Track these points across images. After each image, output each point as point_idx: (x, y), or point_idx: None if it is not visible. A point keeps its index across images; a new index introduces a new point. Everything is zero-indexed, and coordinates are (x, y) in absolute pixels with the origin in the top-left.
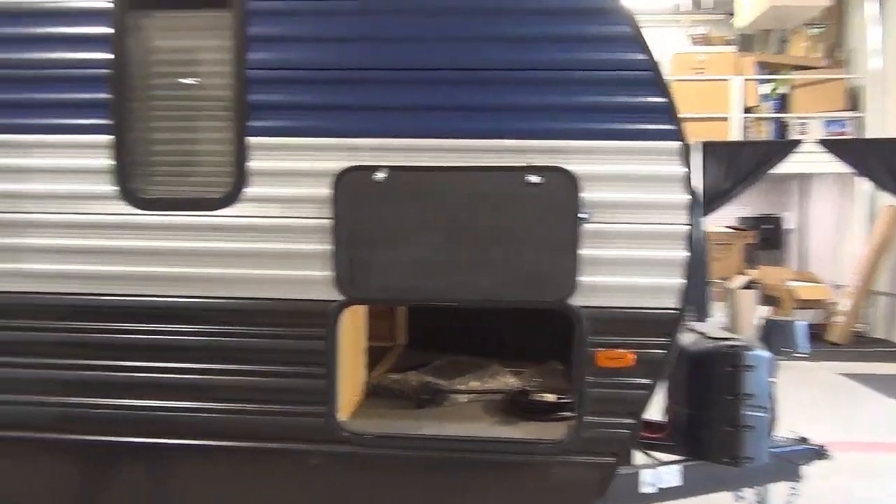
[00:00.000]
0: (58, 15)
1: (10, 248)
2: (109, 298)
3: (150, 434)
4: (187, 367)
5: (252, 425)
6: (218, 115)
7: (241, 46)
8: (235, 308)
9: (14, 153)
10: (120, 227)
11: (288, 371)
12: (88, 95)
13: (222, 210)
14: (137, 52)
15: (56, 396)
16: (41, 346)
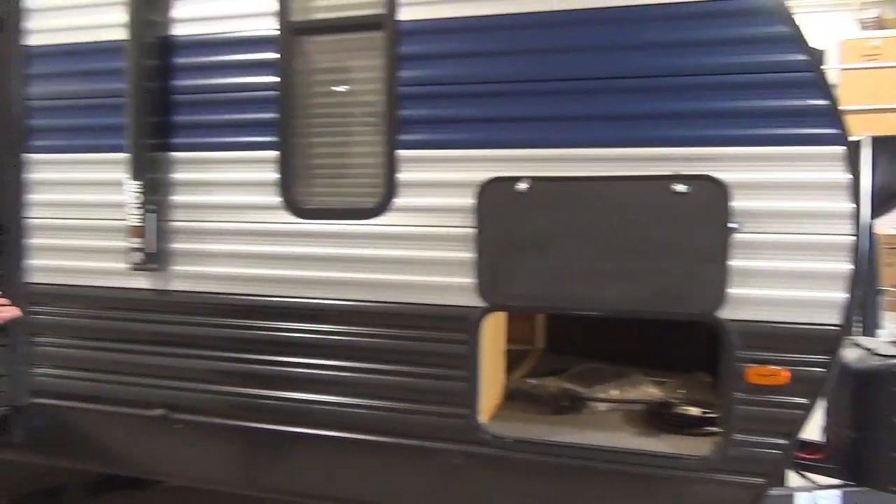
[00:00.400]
0: (231, 44)
1: (193, 253)
2: (273, 300)
3: (304, 425)
4: (339, 364)
5: (397, 423)
6: (370, 130)
7: (394, 65)
8: (384, 311)
9: (197, 169)
10: (283, 234)
11: (431, 373)
12: (258, 116)
13: (374, 219)
14: (299, 74)
15: (225, 386)
16: (214, 340)
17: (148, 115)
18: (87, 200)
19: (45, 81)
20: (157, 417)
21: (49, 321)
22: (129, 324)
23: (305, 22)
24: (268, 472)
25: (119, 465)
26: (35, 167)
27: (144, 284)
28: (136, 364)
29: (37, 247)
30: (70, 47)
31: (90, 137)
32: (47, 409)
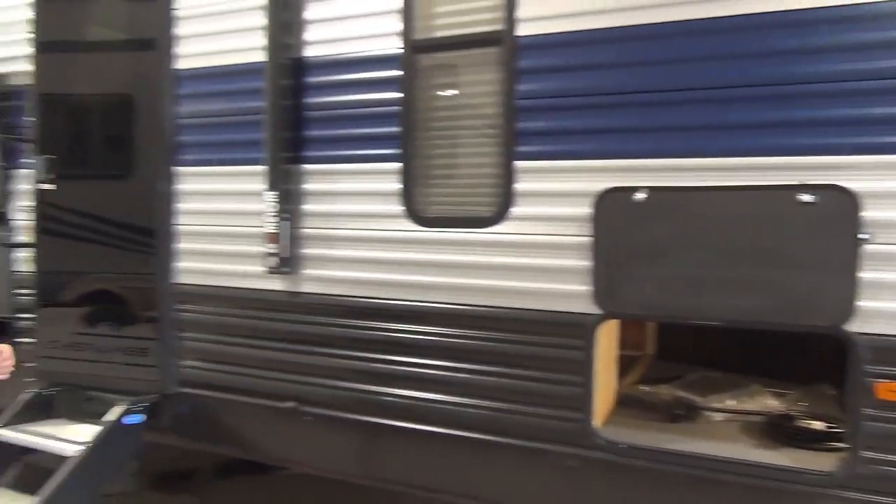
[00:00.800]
0: (358, 63)
1: (322, 258)
2: (393, 303)
3: (420, 421)
4: (455, 366)
5: (510, 423)
6: (488, 142)
7: (512, 78)
8: (501, 316)
9: (327, 180)
10: (404, 241)
11: (546, 377)
12: (382, 130)
13: (491, 228)
14: (420, 90)
15: (348, 382)
16: (339, 339)
17: (283, 130)
18: (228, 209)
19: (192, 101)
20: (287, 409)
21: (193, 318)
22: (263, 322)
23: (427, 40)
24: (384, 465)
25: (251, 451)
26: (183, 179)
27: (278, 286)
28: (269, 359)
29: (183, 251)
30: (214, 70)
31: (231, 151)
32: (191, 397)
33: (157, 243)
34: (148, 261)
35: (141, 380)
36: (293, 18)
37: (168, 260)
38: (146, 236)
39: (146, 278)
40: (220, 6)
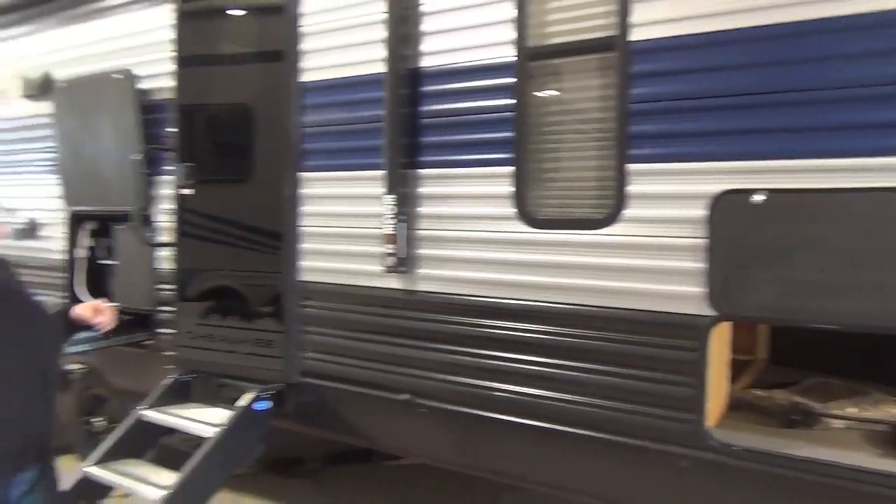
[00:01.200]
0: (473, 71)
1: (436, 258)
2: (505, 302)
3: (530, 417)
4: (566, 364)
5: (621, 422)
6: (601, 145)
7: (625, 83)
8: (612, 316)
9: (442, 183)
10: (516, 243)
11: (658, 377)
12: (495, 135)
13: (604, 229)
14: (533, 96)
15: (461, 377)
16: (452, 336)
17: (401, 137)
18: (348, 211)
19: (316, 111)
20: (403, 401)
21: (316, 314)
22: (381, 318)
23: (540, 48)
24: (495, 457)
25: (367, 440)
26: (307, 183)
27: (395, 285)
28: (386, 353)
29: (307, 251)
30: (336, 81)
31: (352, 157)
32: (312, 387)
33: (284, 244)
34: (275, 260)
35: (268, 369)
36: (411, 31)
37: (293, 259)
38: (274, 237)
39: (273, 276)
40: (342, 22)
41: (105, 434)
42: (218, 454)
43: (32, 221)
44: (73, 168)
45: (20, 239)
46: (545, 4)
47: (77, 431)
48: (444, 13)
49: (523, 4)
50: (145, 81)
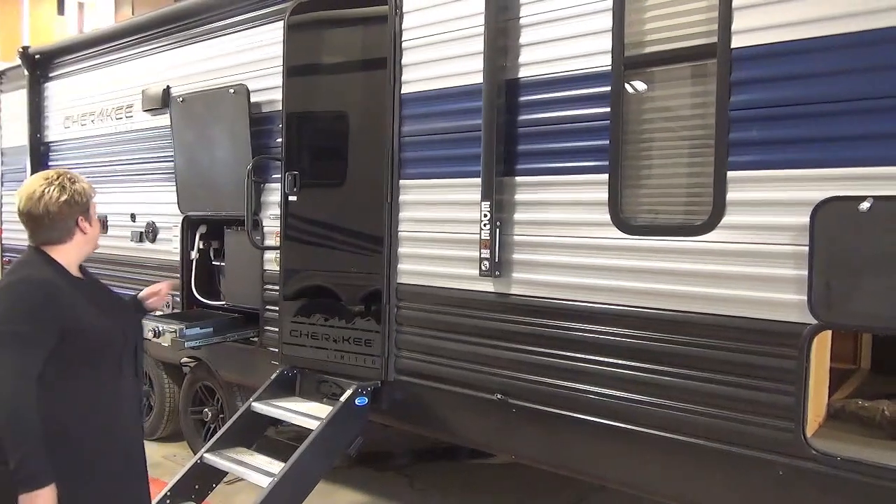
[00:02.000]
0: (568, 80)
1: (530, 263)
2: (598, 306)
3: (623, 421)
4: (660, 369)
5: (717, 428)
6: (699, 152)
7: (726, 89)
8: (710, 322)
9: (536, 190)
10: (611, 248)
11: (756, 384)
12: (591, 143)
13: (701, 236)
14: (629, 104)
15: (552, 379)
16: (545, 339)
17: (498, 145)
18: (444, 217)
19: (415, 120)
20: (494, 401)
21: (412, 314)
22: (474, 320)
23: (637, 56)
24: (586, 458)
25: (459, 437)
26: (406, 190)
27: (488, 288)
28: (478, 354)
29: (404, 254)
30: (435, 92)
31: (448, 165)
32: (407, 385)
33: (383, 247)
34: (374, 263)
35: (366, 367)
36: (509, 43)
37: (391, 262)
38: (373, 241)
39: (372, 278)
40: (441, 36)
41: (211, 423)
42: (321, 445)
43: (152, 225)
44: (187, 176)
45: (140, 241)
46: (643, 14)
47: (186, 420)
48: (542, 25)
49: (621, 15)
50: (256, 95)
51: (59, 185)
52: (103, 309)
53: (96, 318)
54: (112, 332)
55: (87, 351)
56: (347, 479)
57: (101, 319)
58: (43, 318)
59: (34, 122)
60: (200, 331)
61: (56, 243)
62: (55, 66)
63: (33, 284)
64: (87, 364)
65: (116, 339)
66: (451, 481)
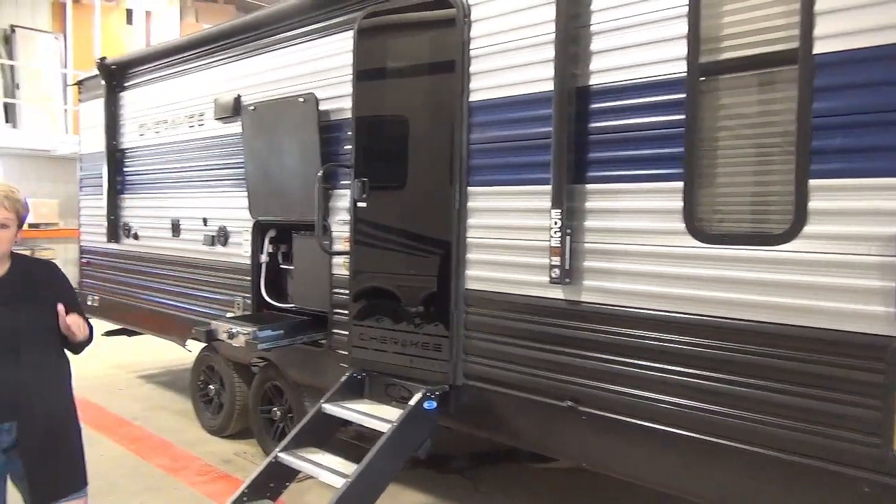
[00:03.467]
0: (641, 88)
1: (602, 271)
2: (670, 315)
3: (696, 431)
4: (736, 379)
5: (797, 441)
6: (779, 160)
7: (808, 96)
8: (790, 334)
9: (608, 198)
10: (687, 257)
11: (840, 398)
12: (665, 151)
13: (781, 245)
14: (705, 110)
15: (624, 387)
16: (617, 347)
17: (568, 153)
18: (514, 224)
19: (482, 128)
20: (564, 408)
21: (480, 320)
22: (544, 327)
23: (714, 63)
24: (656, 468)
25: (527, 442)
26: (474, 197)
27: (559, 295)
28: (547, 361)
29: (473, 261)
30: (505, 100)
31: (517, 172)
32: (475, 389)
33: (451, 253)
34: (443, 268)
35: (434, 371)
36: (580, 50)
37: (460, 268)
38: (442, 247)
39: (441, 283)
40: (510, 44)
41: (280, 422)
42: (391, 448)
43: (223, 229)
44: (258, 182)
45: (212, 245)
46: (719, 20)
47: (256, 418)
48: (614, 32)
49: (696, 21)
50: (325, 103)
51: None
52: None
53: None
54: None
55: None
56: (411, 481)
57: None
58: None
59: (110, 129)
60: (272, 333)
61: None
62: (130, 76)
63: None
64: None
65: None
66: (514, 485)
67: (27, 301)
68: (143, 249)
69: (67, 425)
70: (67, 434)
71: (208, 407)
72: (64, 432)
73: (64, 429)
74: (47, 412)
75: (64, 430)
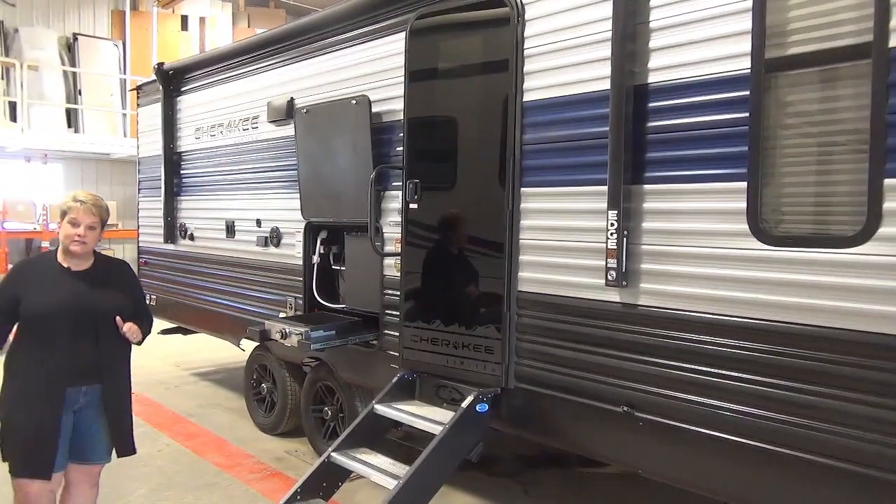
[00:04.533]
0: (703, 85)
1: (659, 273)
2: (733, 320)
3: (754, 439)
4: (800, 387)
5: (866, 452)
6: (849, 159)
7: (883, 91)
8: (863, 340)
9: (667, 199)
10: (751, 260)
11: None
12: (727, 150)
13: (853, 248)
14: (770, 108)
15: (682, 393)
16: (676, 352)
17: (625, 153)
18: (568, 225)
19: (536, 129)
20: (620, 413)
21: (533, 322)
22: (598, 331)
23: (779, 58)
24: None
25: (580, 447)
26: (527, 198)
27: (615, 298)
28: (602, 365)
29: (526, 262)
30: (559, 99)
31: (571, 173)
32: (527, 393)
33: (504, 255)
34: (495, 270)
35: (486, 373)
36: (638, 48)
37: (512, 270)
38: (494, 249)
39: (493, 286)
40: (565, 42)
41: (331, 421)
42: (443, 450)
43: (276, 230)
44: (310, 184)
45: (265, 246)
46: (786, 14)
47: (307, 417)
48: (674, 28)
49: (761, 15)
50: (377, 105)
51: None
52: (58, 289)
53: (37, 292)
54: (47, 306)
55: (24, 317)
56: (460, 483)
57: (43, 293)
58: (3, 288)
59: (167, 133)
60: (324, 333)
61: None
62: (186, 81)
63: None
64: (27, 327)
65: (51, 312)
66: (565, 490)
67: (106, 290)
68: (199, 250)
69: (129, 396)
70: (130, 404)
71: (261, 405)
72: (129, 401)
73: (129, 398)
74: (119, 382)
75: (129, 400)
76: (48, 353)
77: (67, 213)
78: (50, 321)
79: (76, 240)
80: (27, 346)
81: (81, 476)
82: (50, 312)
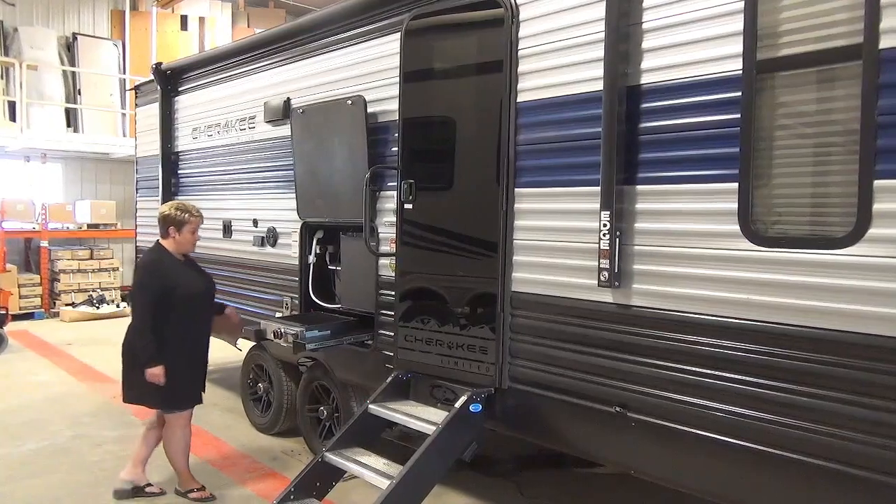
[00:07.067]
0: (694, 86)
1: (651, 274)
2: (722, 320)
3: (749, 441)
4: (790, 388)
5: (859, 454)
6: (839, 160)
7: (873, 93)
8: (851, 341)
9: (659, 199)
10: (741, 260)
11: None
12: (718, 151)
13: (843, 249)
14: (761, 109)
15: (673, 394)
16: (667, 352)
17: (617, 153)
18: (561, 226)
19: (530, 129)
20: (613, 414)
21: (527, 323)
22: (592, 331)
23: (770, 60)
24: (706, 478)
25: (573, 448)
26: (521, 198)
27: (607, 298)
28: (596, 365)
29: (519, 263)
30: (553, 100)
31: (566, 174)
32: (521, 393)
33: (498, 255)
34: (489, 270)
35: (480, 374)
36: (631, 49)
37: (506, 270)
38: (488, 249)
39: (487, 286)
40: (559, 43)
41: (327, 421)
42: (437, 450)
43: (272, 230)
44: (307, 184)
45: (262, 246)
46: (777, 15)
47: (303, 417)
48: (666, 30)
49: (753, 17)
50: (373, 106)
51: (169, 207)
52: (192, 276)
53: (185, 280)
54: (195, 287)
55: (179, 297)
56: (456, 483)
57: (188, 280)
58: (151, 280)
59: (165, 133)
60: (319, 333)
61: (161, 237)
62: (184, 81)
63: (146, 263)
64: (181, 304)
65: (198, 292)
66: (560, 490)
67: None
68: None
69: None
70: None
71: (257, 405)
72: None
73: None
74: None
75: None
76: (198, 319)
77: (187, 223)
78: (202, 297)
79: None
80: (178, 318)
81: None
82: (201, 291)
